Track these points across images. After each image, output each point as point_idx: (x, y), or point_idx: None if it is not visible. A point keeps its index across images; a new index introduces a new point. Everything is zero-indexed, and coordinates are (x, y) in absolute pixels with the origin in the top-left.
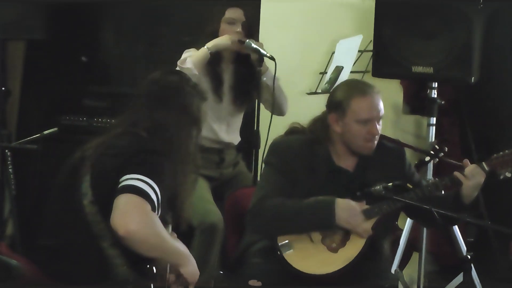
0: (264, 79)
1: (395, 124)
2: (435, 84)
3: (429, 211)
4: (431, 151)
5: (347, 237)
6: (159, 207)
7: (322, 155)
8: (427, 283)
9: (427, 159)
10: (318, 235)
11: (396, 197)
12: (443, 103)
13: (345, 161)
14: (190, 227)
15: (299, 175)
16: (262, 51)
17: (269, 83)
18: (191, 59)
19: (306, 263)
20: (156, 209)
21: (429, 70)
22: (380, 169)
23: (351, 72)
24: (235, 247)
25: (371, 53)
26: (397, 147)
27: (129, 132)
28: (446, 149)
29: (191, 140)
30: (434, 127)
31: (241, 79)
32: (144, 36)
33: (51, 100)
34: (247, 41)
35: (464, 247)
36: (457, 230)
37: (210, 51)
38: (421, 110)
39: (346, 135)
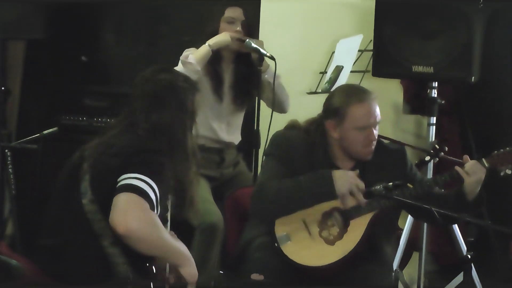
0: (265, 76)
1: (395, 123)
2: (435, 83)
3: (429, 210)
4: (431, 151)
5: (345, 230)
6: (158, 206)
7: (320, 154)
8: (427, 283)
9: (427, 158)
10: (316, 227)
11: (396, 197)
12: (443, 102)
13: (343, 162)
14: (190, 226)
15: (298, 167)
16: (262, 50)
17: (271, 81)
18: (193, 55)
19: (303, 255)
20: (155, 208)
21: (429, 69)
22: (379, 170)
23: (351, 71)
24: (235, 246)
25: (371, 52)
26: (398, 148)
27: (128, 131)
28: (446, 148)
29: (189, 134)
30: (434, 127)
31: (241, 78)
32: (144, 35)
33: (51, 99)
34: (247, 40)
35: (464, 247)
36: (457, 229)
37: (211, 48)
38: (421, 109)
39: (344, 141)
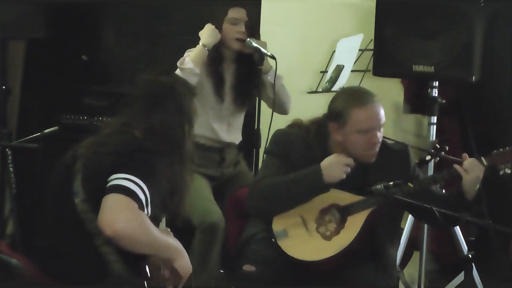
0: (268, 77)
1: (396, 123)
2: (436, 83)
3: (430, 210)
4: (432, 150)
5: (341, 225)
6: (147, 206)
7: (320, 153)
8: (427, 283)
9: (428, 158)
10: (313, 223)
11: (397, 197)
12: (443, 102)
13: None
14: (190, 226)
15: (297, 165)
16: (262, 50)
17: (273, 82)
18: (190, 58)
19: (300, 250)
20: (144, 208)
21: (430, 69)
22: (381, 170)
23: (352, 71)
24: (235, 245)
25: (372, 52)
26: (401, 149)
27: (122, 131)
28: (447, 148)
29: (187, 138)
30: (434, 126)
31: (242, 79)
32: (145, 35)
33: (51, 99)
34: (248, 40)
35: (465, 246)
36: (458, 229)
37: (206, 48)
38: (421, 109)
39: (347, 144)
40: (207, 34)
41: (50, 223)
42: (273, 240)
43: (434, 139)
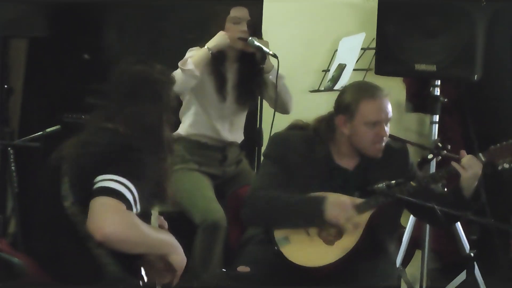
0: (270, 77)
1: (398, 122)
2: (438, 82)
3: (431, 209)
4: (433, 149)
5: (343, 229)
6: (136, 205)
7: (321, 153)
8: (429, 281)
9: (430, 157)
10: (314, 228)
11: (399, 195)
12: (445, 101)
13: (346, 161)
14: (192, 225)
15: (296, 169)
16: (264, 48)
17: (275, 81)
18: (192, 59)
19: (303, 257)
20: (132, 207)
21: (432, 68)
22: (382, 169)
23: (354, 70)
24: (237, 245)
25: (374, 51)
26: (401, 147)
27: (104, 128)
28: (449, 147)
29: (165, 126)
30: (437, 125)
31: (244, 78)
32: (147, 34)
33: (53, 98)
34: (250, 39)
35: (467, 245)
36: (460, 228)
37: (211, 51)
38: (424, 108)
39: (354, 137)
40: (216, 38)
41: (41, 227)
42: (275, 248)
43: (436, 138)
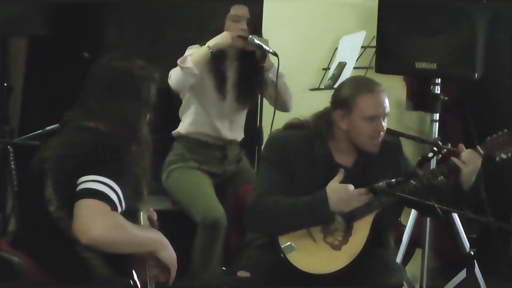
0: (270, 75)
1: (399, 120)
2: (439, 80)
3: (423, 193)
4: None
5: (349, 233)
6: (121, 203)
7: (321, 151)
8: (429, 280)
9: (430, 155)
10: (319, 233)
11: (400, 194)
12: (446, 99)
13: (344, 158)
14: (192, 223)
15: (297, 171)
16: (265, 47)
17: (275, 79)
18: (192, 58)
19: (311, 263)
20: (118, 207)
21: (433, 66)
22: (378, 164)
23: (354, 68)
24: (238, 243)
25: (374, 49)
26: (393, 139)
27: (84, 127)
28: (449, 145)
29: (143, 123)
30: (437, 123)
31: (245, 76)
32: (147, 32)
33: (53, 96)
34: (250, 37)
35: (467, 244)
36: (460, 226)
37: (211, 50)
38: (424, 106)
39: (351, 132)
40: (218, 38)
41: (28, 231)
42: (281, 255)
43: (436, 136)
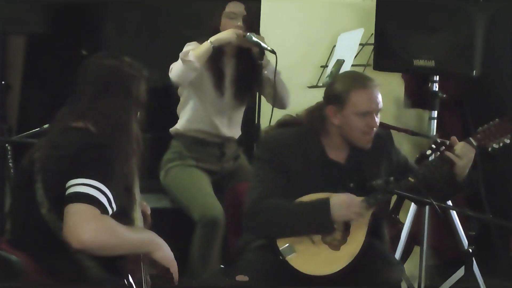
0: (265, 72)
1: (397, 118)
2: (437, 77)
3: (420, 190)
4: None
5: (347, 232)
6: (111, 205)
7: (315, 148)
8: (428, 277)
9: (428, 152)
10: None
11: (398, 191)
12: (444, 96)
13: (337, 154)
14: (191, 221)
15: (292, 169)
16: (263, 44)
17: (271, 77)
18: (194, 52)
19: (310, 265)
20: (108, 210)
21: (431, 63)
22: (371, 157)
23: (352, 65)
24: (236, 241)
25: (373, 46)
26: (383, 131)
27: (73, 128)
28: (447, 142)
29: (134, 122)
30: (435, 121)
31: (242, 73)
32: (145, 29)
33: (51, 94)
34: (248, 34)
35: (465, 241)
36: (458, 223)
37: (213, 45)
38: (422, 103)
39: (344, 127)
40: (222, 34)
41: (19, 232)
42: (280, 257)
43: (434, 133)
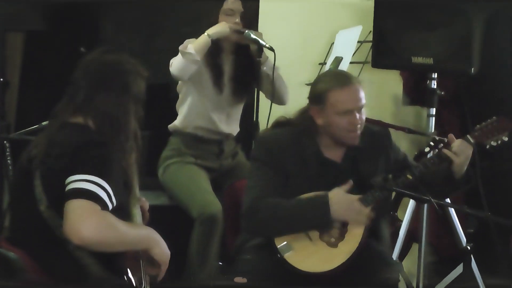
0: (264, 68)
1: (395, 115)
2: (435, 75)
3: (419, 187)
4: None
5: (345, 229)
6: (111, 200)
7: (311, 148)
8: (426, 274)
9: (427, 150)
10: (315, 232)
11: (397, 189)
12: (443, 94)
13: (333, 153)
14: (189, 218)
15: (289, 169)
16: (261, 41)
17: (269, 73)
18: (192, 45)
19: (308, 262)
20: (108, 205)
21: (429, 61)
22: (368, 155)
23: (351, 62)
24: (234, 238)
25: (371, 43)
26: (381, 129)
27: (71, 124)
28: (446, 140)
29: (132, 118)
30: (434, 118)
31: (241, 70)
32: (143, 27)
33: (50, 91)
34: (246, 31)
35: (464, 238)
36: (457, 221)
37: (210, 38)
38: (421, 101)
39: (328, 127)
40: (217, 27)
41: (18, 230)
42: (278, 256)
43: (433, 131)
